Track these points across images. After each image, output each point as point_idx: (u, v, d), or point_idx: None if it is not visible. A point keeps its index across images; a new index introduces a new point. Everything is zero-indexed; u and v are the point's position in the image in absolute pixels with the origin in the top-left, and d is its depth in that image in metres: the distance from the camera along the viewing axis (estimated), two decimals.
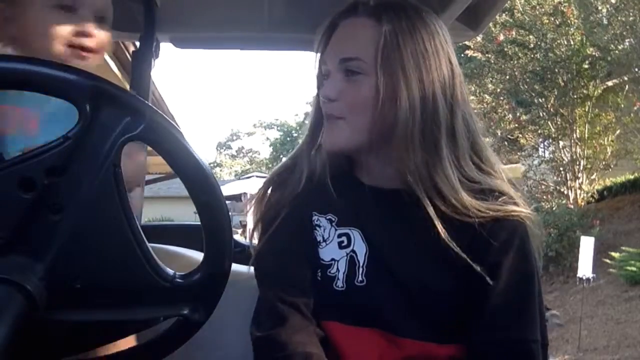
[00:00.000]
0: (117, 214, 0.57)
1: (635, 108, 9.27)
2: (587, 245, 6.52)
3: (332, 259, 1.02)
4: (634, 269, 6.86)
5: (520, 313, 0.97)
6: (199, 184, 0.59)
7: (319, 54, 1.05)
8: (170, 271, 0.61)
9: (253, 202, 1.11)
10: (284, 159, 1.18)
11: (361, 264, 1.01)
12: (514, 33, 9.63)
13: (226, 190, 9.87)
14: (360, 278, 1.00)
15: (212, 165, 28.98)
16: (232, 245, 0.63)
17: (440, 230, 0.95)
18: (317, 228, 1.04)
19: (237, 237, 1.14)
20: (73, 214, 0.56)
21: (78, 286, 0.57)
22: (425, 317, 0.98)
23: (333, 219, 1.04)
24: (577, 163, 9.91)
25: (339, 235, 1.03)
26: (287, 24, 1.53)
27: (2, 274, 0.52)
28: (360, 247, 1.02)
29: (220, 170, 29.78)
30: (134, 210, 0.90)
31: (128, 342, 0.69)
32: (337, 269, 1.01)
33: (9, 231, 0.54)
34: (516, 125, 11.01)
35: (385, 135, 0.98)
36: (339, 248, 1.02)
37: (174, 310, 0.61)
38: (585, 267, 6.88)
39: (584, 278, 7.09)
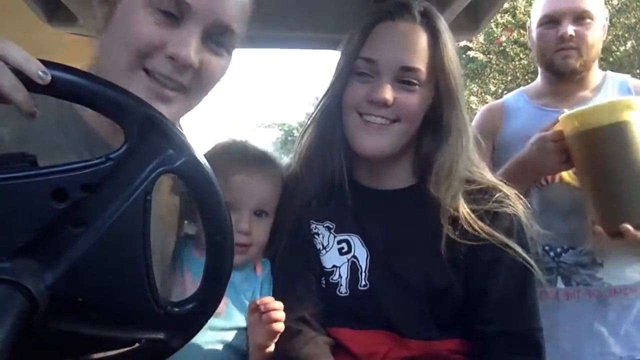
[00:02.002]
0: (136, 239, 0.58)
1: None
2: None
3: (334, 266, 1.03)
4: None
5: (522, 303, 1.00)
6: (218, 225, 0.61)
7: (348, 49, 1.02)
8: (166, 299, 0.63)
9: None
10: (285, 162, 1.17)
11: (364, 269, 1.02)
12: (515, 34, 9.62)
13: None
14: (363, 282, 1.01)
15: None
16: (227, 284, 0.65)
17: (441, 229, 0.97)
18: (316, 236, 1.05)
19: None
20: (95, 231, 0.57)
21: (80, 300, 0.58)
22: (429, 315, 1.00)
23: (331, 226, 1.05)
24: None
25: (339, 242, 1.03)
26: (301, 23, 1.53)
27: (11, 276, 0.53)
28: (361, 253, 1.02)
29: None
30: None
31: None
32: (340, 275, 1.02)
33: (31, 236, 0.55)
34: None
35: (417, 140, 1.01)
36: (340, 254, 1.03)
37: (154, 334, 0.63)
38: None
39: None
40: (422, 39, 0.99)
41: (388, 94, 0.96)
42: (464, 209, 0.97)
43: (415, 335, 0.98)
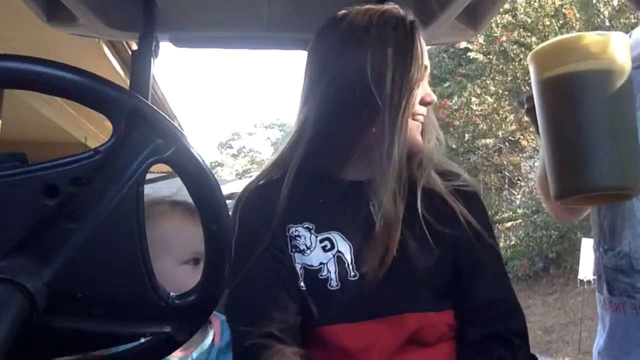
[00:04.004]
0: (131, 231, 0.58)
1: None
2: (588, 247, 6.53)
3: (321, 263, 1.03)
4: None
5: (502, 274, 1.10)
6: (213, 213, 0.61)
7: (409, 56, 1.03)
8: (167, 291, 0.62)
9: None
10: (253, 177, 1.15)
11: (350, 262, 1.03)
12: (515, 34, 9.64)
13: (227, 189, 9.88)
14: (352, 273, 1.02)
15: (213, 164, 28.97)
16: (229, 273, 0.65)
17: (420, 210, 1.03)
18: (297, 238, 1.04)
19: None
20: (89, 225, 0.57)
21: (79, 295, 0.58)
22: (421, 289, 1.02)
23: (310, 227, 1.05)
24: None
25: (321, 241, 1.04)
26: (287, 24, 1.54)
27: (8, 275, 0.53)
28: (344, 247, 1.04)
29: (222, 170, 29.77)
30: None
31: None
32: (328, 270, 1.03)
33: (24, 233, 0.55)
34: (518, 126, 11.01)
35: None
36: (324, 252, 1.04)
37: (160, 328, 0.63)
38: (586, 269, 6.88)
39: (585, 280, 7.09)
40: None
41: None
42: (440, 188, 1.05)
43: (410, 308, 1.00)
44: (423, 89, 1.07)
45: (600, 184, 0.98)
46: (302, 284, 1.03)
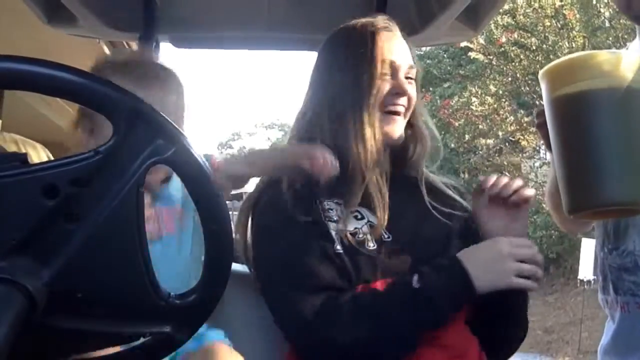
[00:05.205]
0: (131, 232, 0.58)
1: None
2: (588, 247, 6.55)
3: (355, 228, 1.12)
4: None
5: None
6: (213, 213, 0.62)
7: (367, 53, 1.15)
8: (167, 290, 0.62)
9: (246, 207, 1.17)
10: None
11: (382, 229, 1.13)
12: (515, 35, 9.64)
13: None
14: (386, 235, 1.13)
15: None
16: (229, 273, 0.65)
17: (425, 195, 1.18)
18: (330, 210, 1.13)
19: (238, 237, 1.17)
20: (89, 225, 0.57)
21: (79, 295, 0.58)
22: (451, 251, 1.12)
23: (340, 202, 1.14)
24: None
25: (352, 212, 1.14)
26: (288, 25, 1.54)
27: (8, 275, 0.53)
28: (373, 219, 1.14)
29: None
30: None
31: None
32: (363, 233, 1.12)
33: (24, 234, 0.55)
34: (518, 127, 11.03)
35: None
36: (357, 220, 1.13)
37: (160, 328, 0.63)
38: (586, 269, 6.90)
39: (585, 280, 7.12)
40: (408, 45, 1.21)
41: (408, 87, 1.16)
42: (438, 182, 1.23)
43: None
44: (395, 82, 1.15)
45: (612, 200, 1.00)
46: (338, 247, 1.09)
